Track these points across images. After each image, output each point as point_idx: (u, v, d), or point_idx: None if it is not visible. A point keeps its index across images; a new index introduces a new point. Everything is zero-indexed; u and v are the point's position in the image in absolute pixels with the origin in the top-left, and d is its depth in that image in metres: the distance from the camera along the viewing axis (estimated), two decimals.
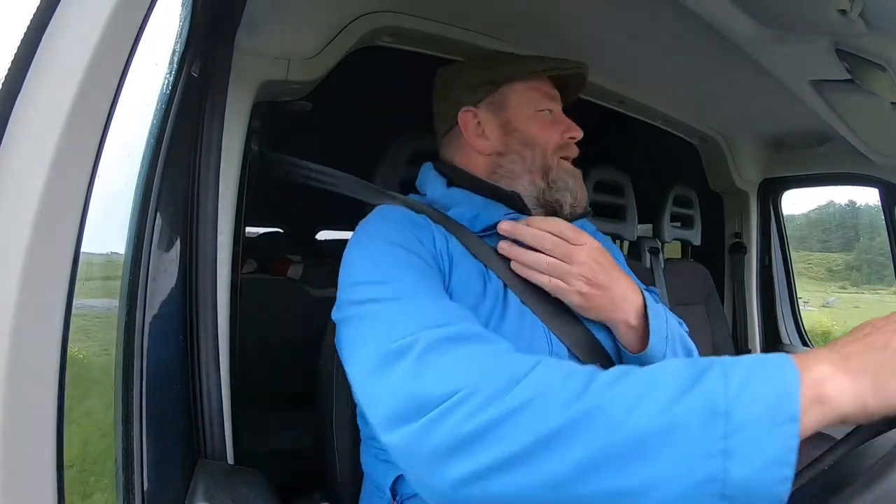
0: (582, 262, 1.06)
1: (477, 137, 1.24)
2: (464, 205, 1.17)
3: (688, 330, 1.25)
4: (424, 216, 1.12)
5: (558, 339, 1.11)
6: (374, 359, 0.80)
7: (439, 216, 1.13)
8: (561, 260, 1.06)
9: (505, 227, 1.11)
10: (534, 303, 1.12)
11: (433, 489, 0.71)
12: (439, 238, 1.09)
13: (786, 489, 0.57)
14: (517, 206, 1.18)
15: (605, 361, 1.12)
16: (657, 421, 0.62)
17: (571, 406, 0.66)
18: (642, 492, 0.61)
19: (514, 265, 1.09)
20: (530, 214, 1.18)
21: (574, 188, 1.21)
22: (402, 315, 0.85)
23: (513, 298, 1.11)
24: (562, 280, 1.07)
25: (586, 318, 1.14)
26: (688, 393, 0.62)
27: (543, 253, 1.07)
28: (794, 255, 2.74)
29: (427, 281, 0.98)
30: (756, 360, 0.64)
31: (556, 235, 1.08)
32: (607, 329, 1.16)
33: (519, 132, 1.22)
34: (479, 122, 1.24)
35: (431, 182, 1.23)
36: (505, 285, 1.11)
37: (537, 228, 1.09)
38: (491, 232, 1.14)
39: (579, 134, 1.23)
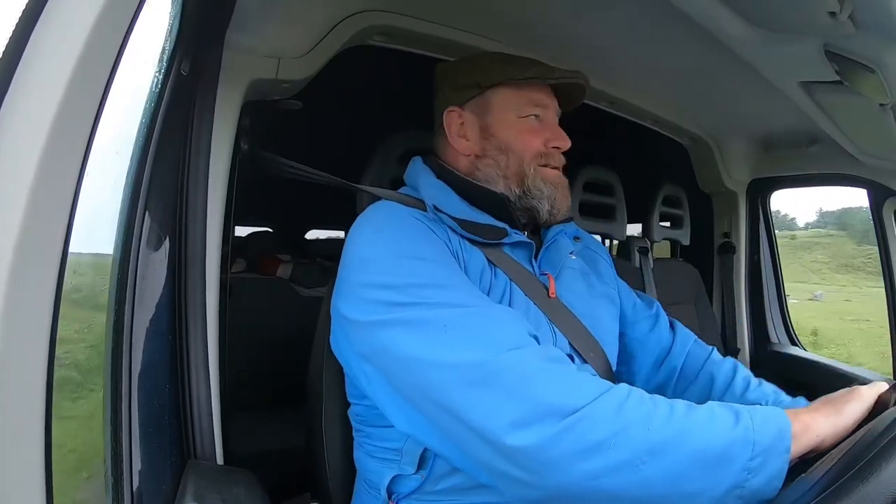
0: None
1: (458, 137, 1.26)
2: (455, 203, 1.17)
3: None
4: (425, 213, 1.13)
5: (561, 333, 1.15)
6: (480, 366, 0.87)
7: (441, 212, 1.13)
8: None
9: None
10: (535, 297, 1.15)
11: (554, 485, 0.83)
12: (450, 233, 1.11)
13: (775, 493, 0.81)
14: (503, 214, 1.19)
15: (599, 355, 1.20)
16: (720, 444, 0.81)
17: (667, 425, 0.83)
18: (701, 493, 0.80)
19: None
20: (516, 221, 1.20)
21: (552, 196, 1.22)
22: (487, 325, 0.94)
23: (517, 292, 1.14)
24: None
25: (582, 313, 1.20)
26: (735, 425, 0.83)
27: None
28: (856, 250, 2.75)
29: (467, 281, 1.04)
30: (764, 411, 0.87)
31: None
32: (602, 324, 1.25)
33: (496, 137, 1.23)
34: (462, 123, 1.25)
35: (423, 177, 1.23)
36: (509, 279, 1.13)
37: None
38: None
39: (564, 144, 1.25)
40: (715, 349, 1.41)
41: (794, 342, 2.76)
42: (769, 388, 1.28)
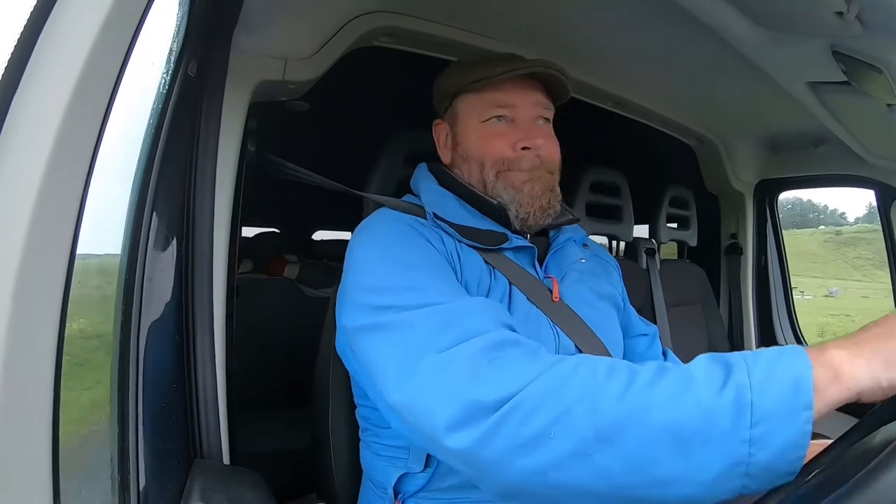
0: None
1: (443, 149, 1.29)
2: (456, 210, 1.18)
3: None
4: (424, 220, 1.13)
5: (565, 335, 1.14)
6: (421, 368, 0.83)
7: (440, 219, 1.13)
8: None
9: None
10: (538, 300, 1.14)
11: (498, 484, 0.78)
12: (446, 238, 1.11)
13: (799, 465, 0.65)
14: (501, 219, 1.19)
15: (604, 356, 1.13)
16: (695, 417, 0.68)
17: (618, 404, 0.72)
18: (682, 479, 0.67)
19: None
20: (514, 227, 1.20)
21: (516, 200, 1.18)
22: (441, 323, 0.88)
23: (518, 295, 1.13)
24: None
25: (587, 317, 1.18)
26: (720, 390, 0.68)
27: None
28: None
29: (450, 283, 1.01)
30: (774, 354, 0.70)
31: None
32: (607, 327, 1.22)
33: (461, 146, 1.24)
34: (446, 135, 1.28)
35: (425, 183, 1.24)
36: (510, 282, 1.13)
37: None
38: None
39: (534, 142, 1.19)
40: None
41: (800, 343, 2.75)
42: None
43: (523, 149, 1.19)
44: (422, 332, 0.87)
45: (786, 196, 2.78)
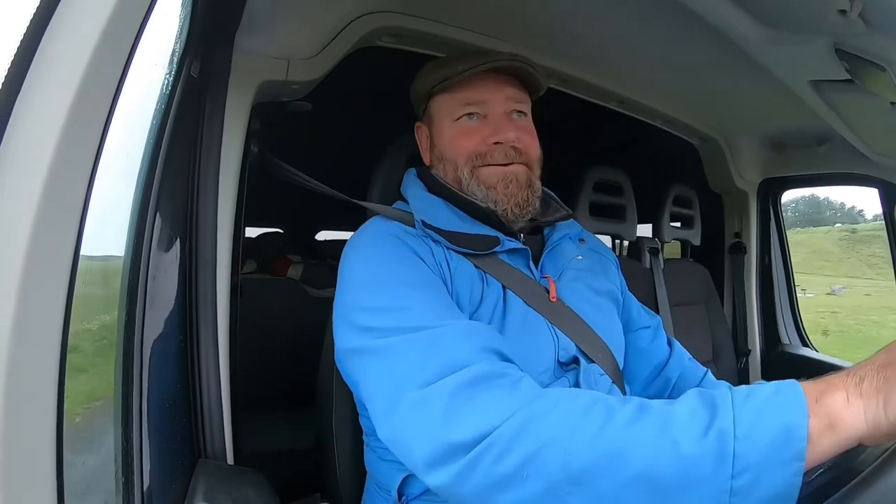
0: None
1: (424, 151, 1.30)
2: (446, 215, 1.16)
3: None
4: (413, 229, 1.12)
5: (564, 335, 1.13)
6: (402, 405, 0.84)
7: (430, 228, 1.12)
8: None
9: None
10: (535, 302, 1.13)
11: None
12: (435, 247, 1.10)
13: None
14: (492, 221, 1.18)
15: (606, 355, 1.17)
16: (673, 464, 0.65)
17: (594, 444, 0.70)
18: None
19: None
20: (506, 228, 1.18)
21: (490, 196, 1.16)
22: (423, 354, 0.87)
23: (513, 299, 1.11)
24: None
25: (587, 315, 1.17)
26: (702, 435, 0.65)
27: None
28: None
29: (438, 300, 1.00)
30: (769, 395, 0.67)
31: None
32: (607, 324, 1.21)
33: (437, 147, 1.25)
34: (426, 136, 1.28)
35: (412, 188, 1.23)
36: (504, 286, 1.12)
37: None
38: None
39: (504, 136, 1.17)
40: (709, 371, 1.38)
41: (805, 343, 2.75)
42: None
43: (495, 143, 1.17)
44: (404, 362, 0.87)
45: (802, 194, 2.78)
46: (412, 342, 0.88)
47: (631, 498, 0.66)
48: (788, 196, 2.80)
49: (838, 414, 0.63)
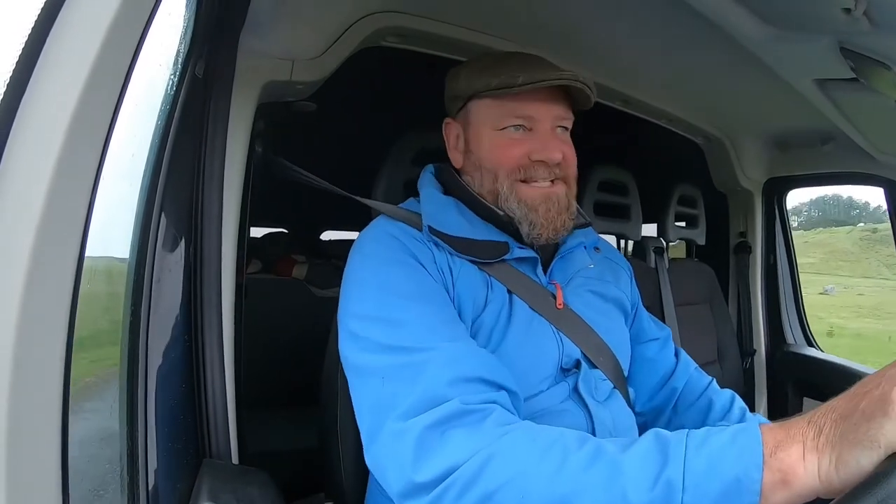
0: None
1: (453, 150, 1.24)
2: (456, 220, 1.14)
3: None
4: (420, 233, 1.11)
5: (570, 341, 1.12)
6: (383, 433, 0.87)
7: (435, 232, 1.10)
8: None
9: None
10: (541, 307, 1.12)
11: None
12: (437, 252, 1.08)
13: None
14: (509, 227, 1.16)
15: (609, 359, 1.17)
16: None
17: (548, 487, 0.72)
18: None
19: None
20: (522, 238, 1.16)
21: (528, 218, 1.13)
22: (407, 383, 0.88)
23: (519, 303, 1.11)
24: None
25: (593, 321, 1.17)
26: (651, 486, 0.66)
27: None
28: None
29: (434, 312, 0.99)
30: (725, 444, 0.67)
31: None
32: (613, 331, 1.21)
33: (473, 153, 1.19)
34: (457, 136, 1.22)
35: (426, 190, 1.20)
36: (509, 291, 1.11)
37: None
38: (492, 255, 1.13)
39: (550, 156, 1.13)
40: (714, 379, 1.37)
41: (810, 343, 2.74)
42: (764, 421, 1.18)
43: (539, 161, 1.13)
44: (389, 389, 0.89)
45: (825, 193, 2.78)
46: (400, 369, 0.90)
47: None
48: (811, 196, 2.80)
49: (793, 469, 0.62)
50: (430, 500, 0.78)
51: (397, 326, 0.94)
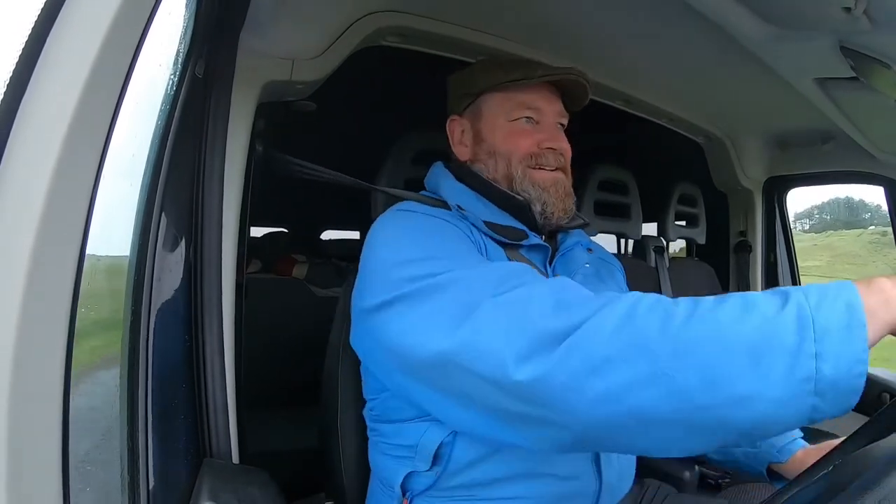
0: None
1: (458, 145, 1.29)
2: (477, 205, 1.19)
3: None
4: (448, 211, 1.15)
5: None
6: (480, 311, 0.84)
7: (461, 213, 1.15)
8: None
9: None
10: None
11: (570, 416, 0.77)
12: (473, 230, 1.13)
13: (862, 381, 0.67)
14: (523, 216, 1.21)
15: None
16: (765, 332, 0.70)
17: (688, 324, 0.74)
18: (757, 395, 0.69)
19: None
20: (534, 224, 1.21)
21: (542, 198, 1.21)
22: (497, 279, 0.89)
23: None
24: None
25: None
26: (781, 308, 0.71)
27: None
28: None
29: (485, 259, 1.04)
30: (823, 285, 0.74)
31: None
32: None
33: (486, 142, 1.25)
34: (462, 131, 1.29)
35: (444, 181, 1.25)
36: None
37: None
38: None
39: (559, 144, 1.24)
40: None
41: None
42: None
43: (548, 148, 1.23)
44: (475, 284, 0.88)
45: (836, 195, 2.77)
46: (482, 272, 0.91)
47: (732, 367, 0.70)
48: (822, 198, 2.80)
49: (890, 293, 0.71)
50: (567, 347, 0.76)
51: (461, 258, 0.98)
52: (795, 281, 2.81)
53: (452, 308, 0.86)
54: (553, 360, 0.76)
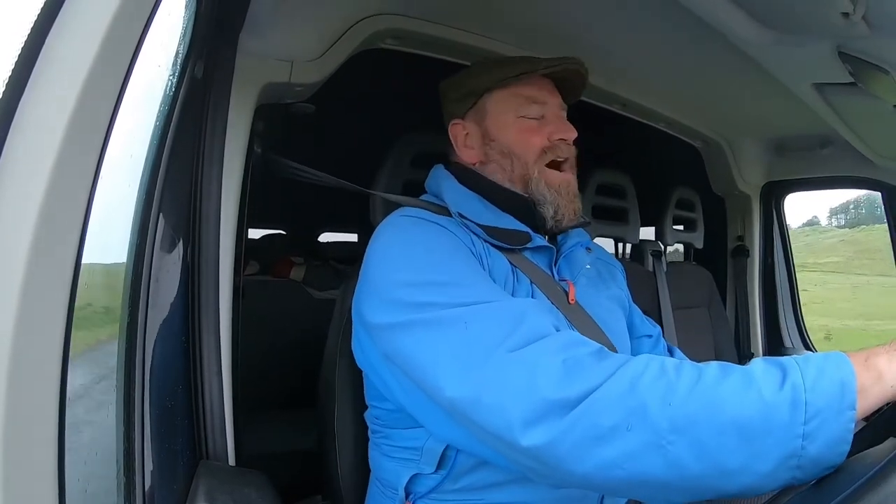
0: None
1: (464, 148, 1.26)
2: (479, 209, 1.18)
3: None
4: (449, 218, 1.13)
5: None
6: (491, 365, 0.85)
7: (465, 218, 1.13)
8: None
9: None
10: (557, 301, 1.14)
11: (571, 477, 0.81)
12: (474, 238, 1.11)
13: (843, 458, 0.71)
14: (527, 216, 1.20)
15: None
16: (759, 411, 0.73)
17: (690, 397, 0.77)
18: (746, 469, 0.73)
19: None
20: (542, 227, 1.21)
21: (555, 202, 1.20)
22: (507, 321, 0.89)
23: (540, 296, 1.13)
24: None
25: (600, 319, 1.19)
26: (779, 388, 0.74)
27: None
28: None
29: (490, 281, 1.03)
30: (822, 359, 0.77)
31: None
32: (617, 330, 1.25)
33: (496, 141, 1.23)
34: (467, 134, 1.26)
35: (446, 182, 1.24)
36: (531, 282, 1.13)
37: None
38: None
39: (569, 134, 1.22)
40: None
41: (808, 346, 2.74)
42: None
43: (559, 139, 1.21)
44: (485, 329, 0.88)
45: (864, 193, 2.76)
46: (489, 312, 0.91)
47: (726, 443, 0.73)
48: (853, 195, 2.82)
49: (884, 369, 0.74)
50: (573, 417, 0.78)
51: (461, 287, 0.96)
52: (793, 286, 2.81)
53: (462, 352, 0.87)
54: (559, 428, 0.78)
